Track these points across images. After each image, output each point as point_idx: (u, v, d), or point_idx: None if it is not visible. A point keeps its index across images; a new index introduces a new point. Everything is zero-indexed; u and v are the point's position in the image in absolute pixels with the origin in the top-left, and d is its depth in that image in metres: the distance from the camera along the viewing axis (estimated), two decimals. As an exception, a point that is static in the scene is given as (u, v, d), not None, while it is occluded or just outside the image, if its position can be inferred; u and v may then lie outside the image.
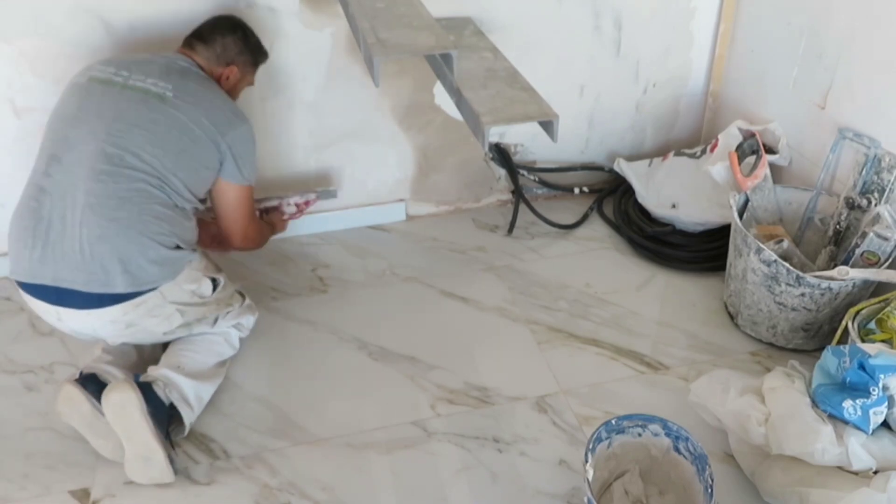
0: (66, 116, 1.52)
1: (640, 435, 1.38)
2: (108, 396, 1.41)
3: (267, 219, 1.99)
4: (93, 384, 1.45)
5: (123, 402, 1.40)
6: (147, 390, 1.46)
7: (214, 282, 1.64)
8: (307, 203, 2.06)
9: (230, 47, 1.69)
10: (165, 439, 1.47)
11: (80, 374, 1.49)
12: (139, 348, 1.64)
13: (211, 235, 1.79)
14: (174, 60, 1.61)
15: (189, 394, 1.53)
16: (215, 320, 1.65)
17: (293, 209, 2.05)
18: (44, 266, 1.43)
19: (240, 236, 1.74)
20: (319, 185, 2.14)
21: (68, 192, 1.44)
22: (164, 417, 1.48)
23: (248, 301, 1.77)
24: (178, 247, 1.53)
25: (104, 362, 1.54)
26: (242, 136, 1.62)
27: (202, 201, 1.64)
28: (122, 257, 1.44)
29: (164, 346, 1.67)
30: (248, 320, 1.75)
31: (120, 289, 1.44)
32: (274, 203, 2.02)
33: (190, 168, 1.54)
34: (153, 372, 1.52)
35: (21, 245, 1.45)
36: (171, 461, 1.46)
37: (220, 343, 1.66)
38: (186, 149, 1.53)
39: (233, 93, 1.74)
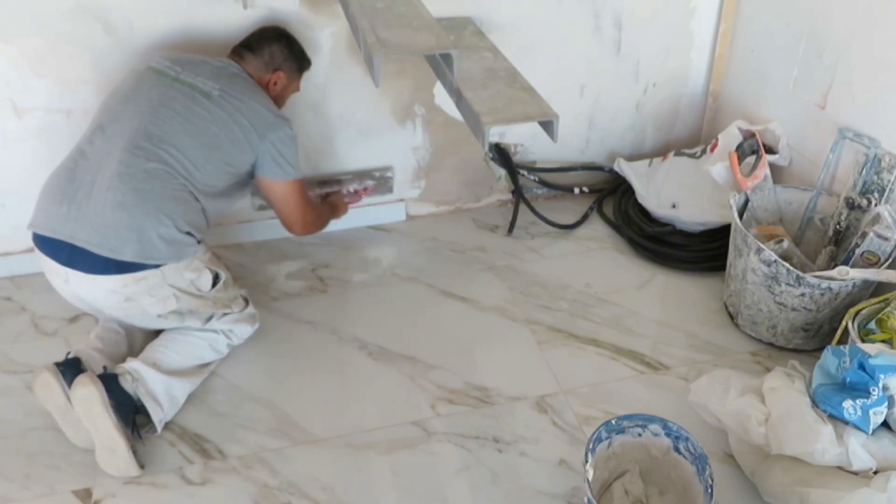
0: (119, 95, 1.62)
1: (640, 435, 1.38)
2: (75, 391, 1.43)
3: (329, 201, 2.08)
4: (71, 372, 1.47)
5: (86, 396, 1.43)
6: (112, 382, 1.47)
7: (216, 278, 1.65)
8: (365, 190, 2.16)
9: (276, 54, 1.78)
10: (131, 432, 1.48)
11: (66, 356, 1.52)
12: (130, 338, 1.67)
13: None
14: (227, 66, 1.71)
15: (157, 390, 1.53)
16: (208, 318, 1.65)
17: (353, 196, 2.15)
18: (65, 222, 1.49)
19: (299, 224, 1.82)
20: (375, 173, 2.19)
21: (105, 159, 1.52)
22: (130, 411, 1.49)
23: (250, 310, 1.76)
24: (188, 233, 1.57)
25: (93, 348, 1.58)
26: (283, 138, 1.69)
27: (220, 197, 1.68)
28: (137, 227, 1.49)
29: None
30: (244, 330, 1.74)
31: (127, 257, 1.48)
32: (334, 188, 2.13)
33: (217, 164, 1.62)
34: (125, 364, 1.54)
35: (49, 199, 1.52)
36: (135, 454, 1.47)
37: (203, 347, 1.66)
38: (220, 145, 1.61)
39: (280, 99, 1.83)
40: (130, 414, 1.50)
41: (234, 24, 1.85)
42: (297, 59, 1.84)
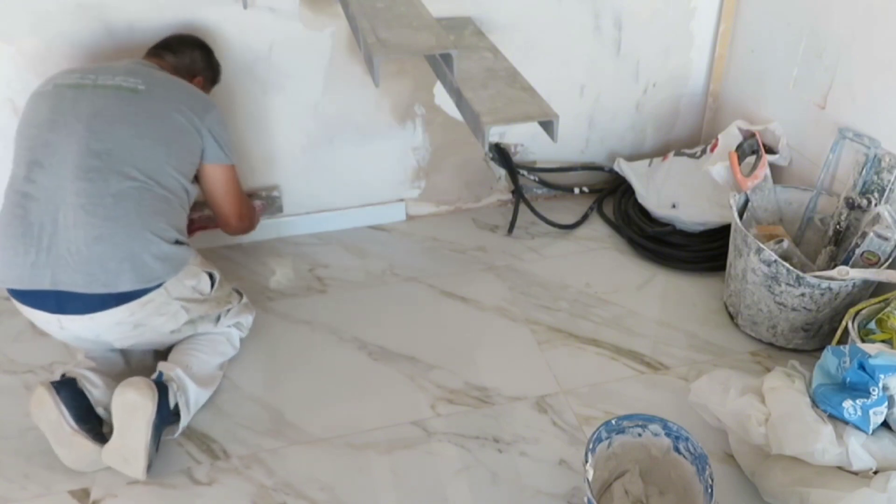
0: (39, 122, 1.48)
1: (640, 435, 1.38)
2: (124, 390, 1.41)
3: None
4: (67, 391, 1.43)
5: (136, 405, 1.40)
6: (163, 391, 1.45)
7: (212, 277, 1.65)
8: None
9: (197, 60, 1.75)
10: (154, 448, 1.46)
11: (62, 376, 1.48)
12: (126, 356, 1.64)
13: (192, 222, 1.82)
14: (139, 63, 1.63)
15: (192, 400, 1.54)
16: (218, 318, 1.66)
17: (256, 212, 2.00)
18: (39, 271, 1.40)
19: (235, 217, 1.75)
20: (269, 192, 2.14)
21: (56, 195, 1.42)
22: (166, 423, 1.48)
23: (245, 299, 1.78)
24: (177, 241, 1.52)
25: (86, 367, 1.52)
26: (218, 119, 1.63)
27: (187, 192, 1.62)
28: (127, 255, 1.42)
29: (154, 352, 1.67)
30: (247, 319, 1.77)
31: (125, 287, 1.42)
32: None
33: (179, 155, 1.55)
34: (170, 371, 1.51)
35: (12, 253, 1.41)
36: (149, 467, 1.45)
37: (223, 343, 1.68)
38: (172, 137, 1.54)
39: None
40: (163, 427, 1.48)
41: (235, 24, 1.85)
42: (214, 70, 1.82)
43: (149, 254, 1.45)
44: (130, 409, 1.40)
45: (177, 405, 1.49)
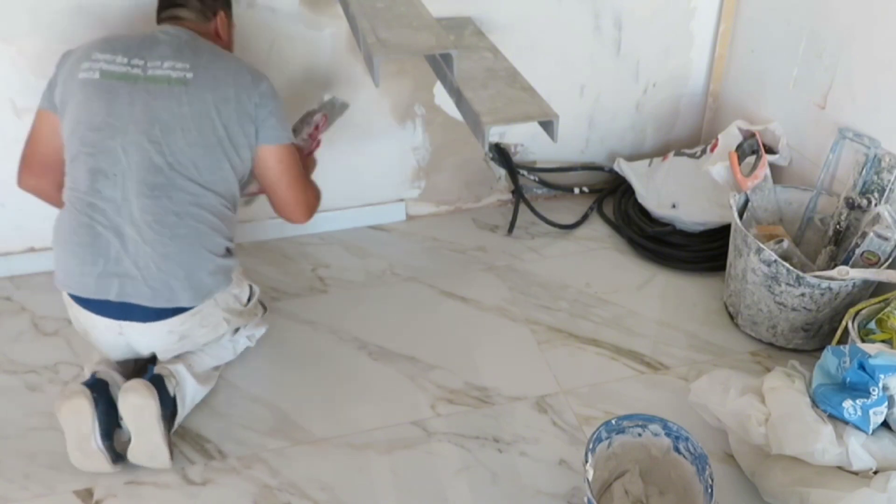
0: (97, 125, 1.44)
1: (640, 435, 1.38)
2: (126, 396, 1.43)
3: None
4: (104, 403, 1.44)
5: (141, 406, 1.43)
6: (161, 388, 1.47)
7: (251, 289, 1.68)
8: (317, 128, 1.84)
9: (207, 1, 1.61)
10: (170, 437, 1.49)
11: (94, 377, 1.49)
12: (136, 360, 1.64)
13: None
14: (175, 35, 1.52)
15: (188, 395, 1.55)
16: (236, 330, 1.67)
17: (308, 142, 1.83)
18: (107, 282, 1.43)
19: (303, 203, 1.64)
20: (314, 107, 1.94)
21: (123, 208, 1.44)
22: (170, 414, 1.49)
23: (266, 312, 1.79)
24: (227, 250, 1.56)
25: (112, 369, 1.54)
26: (271, 92, 1.54)
27: (243, 189, 1.61)
28: (187, 273, 1.46)
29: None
30: (259, 331, 1.77)
31: (184, 303, 1.47)
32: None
33: (234, 151, 1.50)
34: (168, 365, 1.53)
35: (78, 261, 1.44)
36: (171, 456, 1.48)
37: (228, 349, 1.69)
38: (226, 134, 1.48)
39: (230, 43, 1.69)
40: (170, 416, 1.49)
41: (237, 23, 1.85)
42: None
43: (205, 271, 1.49)
44: (137, 411, 1.43)
45: (175, 397, 1.50)
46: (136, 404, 1.43)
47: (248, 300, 1.68)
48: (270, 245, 2.19)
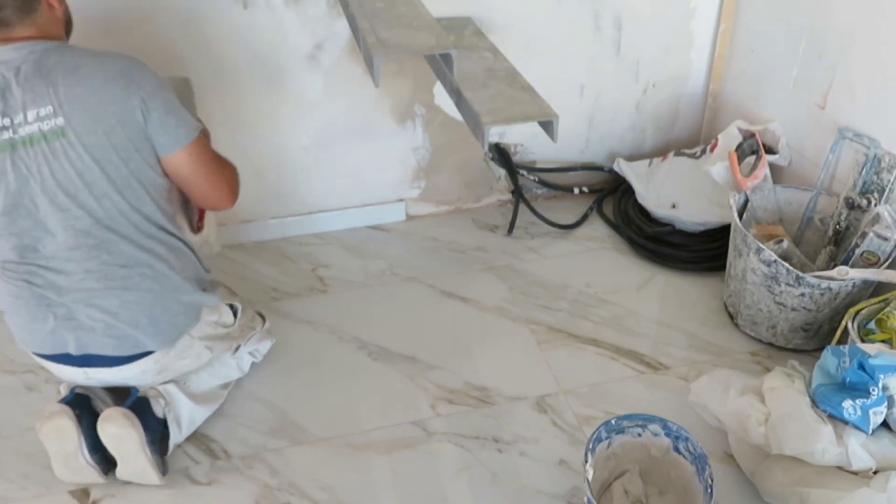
0: (4, 209, 1.31)
1: (639, 435, 1.38)
2: (104, 426, 1.39)
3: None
4: (87, 419, 1.40)
5: (121, 435, 1.39)
6: (145, 411, 1.43)
7: (233, 308, 1.64)
8: None
9: None
10: (160, 458, 1.45)
11: (73, 392, 1.44)
12: None
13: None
14: (15, 66, 1.27)
15: (183, 416, 1.50)
16: (237, 348, 1.64)
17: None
18: (62, 336, 1.37)
19: (226, 191, 1.48)
20: None
21: (62, 272, 1.34)
22: (159, 436, 1.46)
23: (267, 324, 1.75)
24: (195, 282, 1.47)
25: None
26: (150, 89, 1.33)
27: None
28: (150, 320, 1.39)
29: None
30: (265, 346, 1.73)
31: (153, 347, 1.42)
32: None
33: (147, 181, 1.37)
34: (158, 386, 1.50)
35: (28, 319, 1.37)
36: (164, 473, 1.46)
37: (231, 366, 1.65)
38: (129, 169, 1.33)
39: (68, 19, 1.42)
40: (158, 439, 1.45)
41: (235, 24, 1.85)
42: None
43: (170, 313, 1.42)
44: (118, 440, 1.39)
45: (165, 417, 1.46)
46: (114, 434, 1.38)
47: (235, 318, 1.63)
48: (270, 245, 2.19)
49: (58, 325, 1.36)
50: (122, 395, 1.49)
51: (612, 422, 1.35)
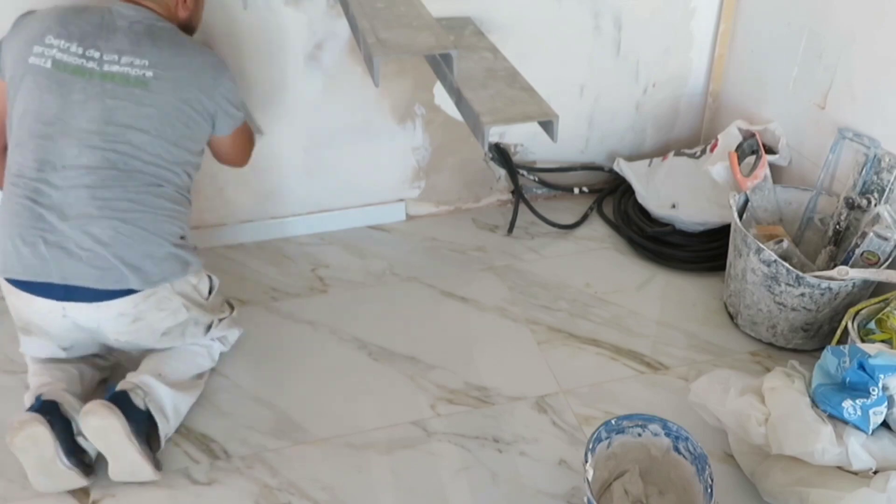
0: (48, 120, 1.41)
1: (639, 435, 1.38)
2: (87, 420, 1.38)
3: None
4: (59, 423, 1.38)
5: (105, 427, 1.37)
6: (125, 403, 1.42)
7: (211, 281, 1.65)
8: None
9: None
10: (150, 451, 1.44)
11: (39, 400, 1.42)
12: (80, 373, 1.57)
13: None
14: (134, 20, 1.47)
15: (167, 404, 1.50)
16: (208, 327, 1.64)
17: None
18: (47, 263, 1.38)
19: (247, 155, 1.78)
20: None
21: (71, 194, 1.40)
22: (145, 428, 1.44)
23: (235, 313, 1.75)
24: (181, 237, 1.54)
25: (61, 388, 1.47)
26: (229, 88, 1.57)
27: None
28: (137, 257, 1.44)
29: (101, 377, 1.64)
30: (233, 334, 1.74)
31: (134, 285, 1.44)
32: None
33: (192, 148, 1.55)
34: (133, 378, 1.49)
35: (19, 241, 1.39)
36: (158, 468, 1.45)
37: (202, 355, 1.64)
38: (185, 133, 1.51)
39: (196, 17, 1.64)
40: (145, 431, 1.44)
41: (235, 24, 1.85)
42: None
43: (157, 256, 1.47)
44: (102, 432, 1.38)
45: (148, 409, 1.45)
46: (97, 426, 1.37)
47: (210, 293, 1.64)
48: (270, 245, 2.19)
49: (46, 251, 1.38)
50: (97, 396, 1.46)
51: (612, 422, 1.35)
